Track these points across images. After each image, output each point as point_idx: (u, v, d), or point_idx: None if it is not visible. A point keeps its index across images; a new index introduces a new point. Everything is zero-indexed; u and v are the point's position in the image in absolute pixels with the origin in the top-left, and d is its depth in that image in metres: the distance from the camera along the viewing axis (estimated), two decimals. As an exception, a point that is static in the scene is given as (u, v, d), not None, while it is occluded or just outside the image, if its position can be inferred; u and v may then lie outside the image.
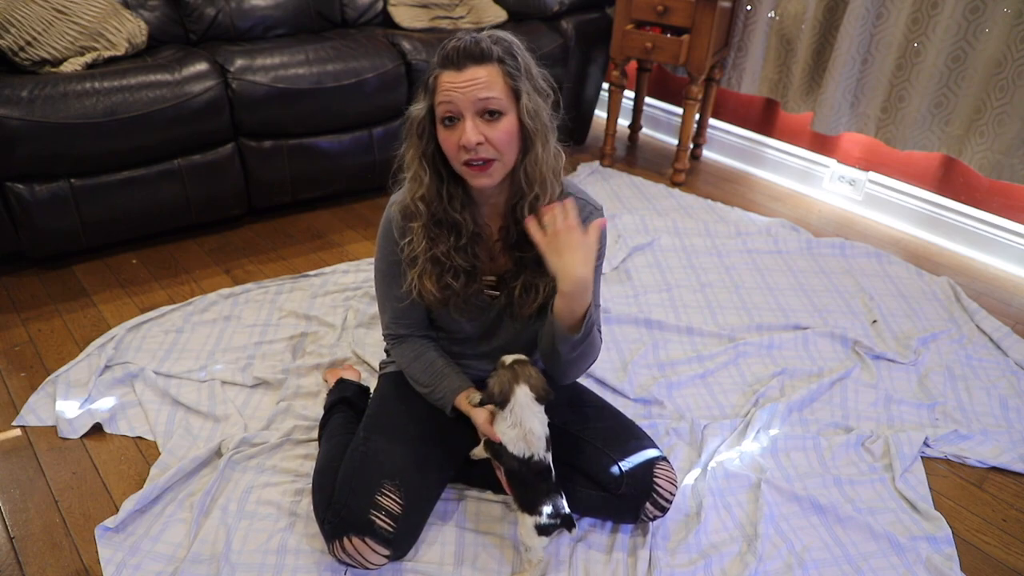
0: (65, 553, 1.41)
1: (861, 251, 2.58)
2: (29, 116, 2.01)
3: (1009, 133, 2.37)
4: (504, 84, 1.20)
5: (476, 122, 1.19)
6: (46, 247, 2.23)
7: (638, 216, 2.73)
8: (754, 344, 2.07)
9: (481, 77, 1.18)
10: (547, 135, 1.26)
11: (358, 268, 2.36)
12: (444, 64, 1.20)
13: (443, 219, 1.30)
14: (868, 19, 2.59)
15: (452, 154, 1.23)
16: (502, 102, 1.20)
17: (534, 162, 1.25)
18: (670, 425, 1.76)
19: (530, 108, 1.22)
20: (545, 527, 1.31)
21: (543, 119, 1.25)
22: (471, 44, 1.19)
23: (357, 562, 1.29)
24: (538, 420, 1.30)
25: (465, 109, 1.19)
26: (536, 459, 1.29)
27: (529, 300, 1.36)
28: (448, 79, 1.19)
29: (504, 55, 1.20)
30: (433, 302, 1.36)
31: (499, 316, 1.43)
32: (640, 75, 3.35)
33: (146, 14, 2.49)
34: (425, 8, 2.93)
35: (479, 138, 1.19)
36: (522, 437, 1.29)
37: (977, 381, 1.98)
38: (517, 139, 1.24)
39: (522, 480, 1.32)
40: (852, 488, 1.62)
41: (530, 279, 1.35)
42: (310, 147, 2.52)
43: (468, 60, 1.18)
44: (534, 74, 1.25)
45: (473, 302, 1.38)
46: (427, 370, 1.44)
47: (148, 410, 1.74)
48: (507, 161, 1.24)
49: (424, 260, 1.32)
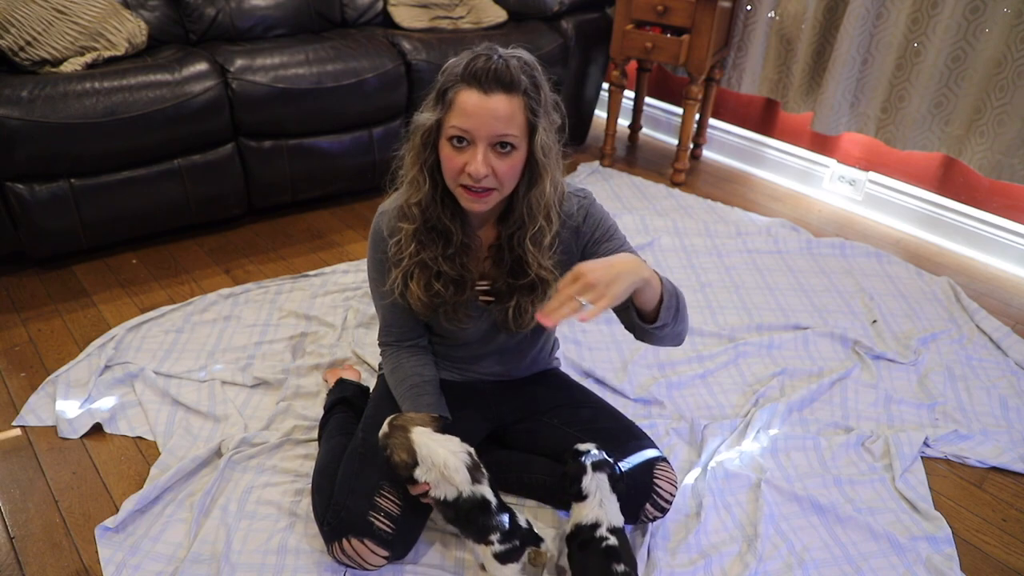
0: (65, 553, 1.41)
1: (861, 251, 2.58)
2: (29, 116, 2.01)
3: (1009, 133, 2.37)
4: (524, 119, 1.18)
5: (487, 153, 1.17)
6: (46, 247, 2.23)
7: (638, 216, 2.73)
8: (754, 344, 2.06)
9: (505, 109, 1.15)
10: (555, 170, 1.25)
11: (358, 268, 2.36)
12: (470, 82, 1.16)
13: (436, 225, 1.29)
14: (868, 19, 2.59)
15: (451, 175, 1.21)
16: (518, 138, 1.18)
17: (539, 195, 1.24)
18: (670, 425, 1.76)
19: (544, 144, 1.21)
20: (504, 553, 1.26)
21: (553, 153, 1.24)
22: (502, 68, 1.15)
23: (356, 563, 1.29)
24: (447, 450, 1.25)
25: (480, 139, 1.16)
26: (464, 496, 1.24)
27: (525, 319, 1.36)
28: (471, 100, 1.15)
29: (530, 87, 1.18)
30: (421, 307, 1.34)
31: (493, 325, 1.42)
32: (640, 75, 3.35)
33: (146, 14, 2.49)
34: (425, 8, 2.93)
35: (487, 171, 1.17)
36: (440, 477, 1.24)
37: (977, 381, 1.98)
38: (520, 170, 1.23)
39: (462, 519, 1.27)
40: (852, 488, 1.62)
41: (522, 302, 1.34)
42: (310, 147, 2.52)
43: (497, 86, 1.15)
44: (549, 104, 1.23)
45: (464, 310, 1.37)
46: (397, 387, 1.44)
47: (148, 410, 1.74)
48: (505, 191, 1.24)
49: (411, 262, 1.31)
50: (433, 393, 1.43)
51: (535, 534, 1.32)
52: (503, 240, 1.32)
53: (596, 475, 1.32)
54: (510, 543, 1.27)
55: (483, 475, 1.28)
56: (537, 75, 1.20)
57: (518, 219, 1.27)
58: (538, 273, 1.30)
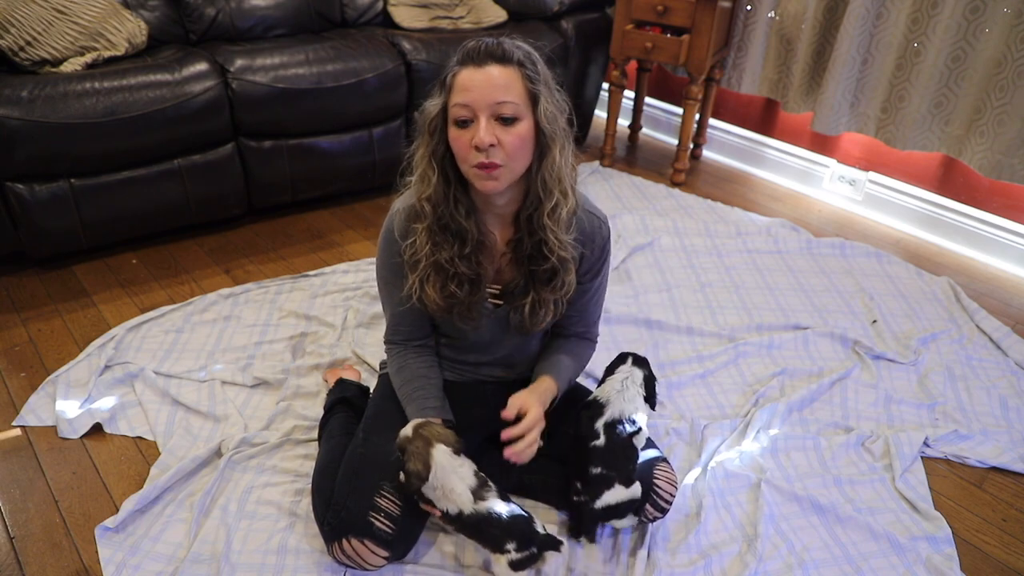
0: (65, 553, 1.41)
1: (861, 251, 2.58)
2: (29, 116, 2.01)
3: (1009, 133, 2.37)
4: (523, 88, 1.19)
5: (490, 122, 1.17)
6: (46, 247, 2.23)
7: (638, 216, 2.73)
8: (754, 344, 2.06)
9: (501, 77, 1.17)
10: (565, 141, 1.25)
11: (358, 268, 2.36)
12: (464, 61, 1.19)
13: (449, 224, 1.28)
14: (868, 19, 2.59)
15: (463, 155, 1.21)
16: (519, 107, 1.18)
17: (551, 167, 1.23)
18: (670, 425, 1.76)
19: (548, 112, 1.20)
20: (519, 562, 1.25)
21: (561, 124, 1.23)
22: (493, 45, 1.19)
23: (356, 564, 1.29)
24: (457, 477, 1.25)
25: (480, 111, 1.17)
26: (467, 513, 1.24)
27: (540, 317, 1.35)
28: (467, 76, 1.18)
29: (525, 59, 1.19)
30: (436, 309, 1.34)
31: (504, 326, 1.41)
32: (640, 75, 3.36)
33: (146, 14, 2.49)
34: (425, 8, 2.93)
35: (492, 139, 1.17)
36: (444, 496, 1.24)
37: (977, 381, 1.98)
38: (531, 146, 1.22)
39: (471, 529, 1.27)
40: (852, 488, 1.62)
41: (541, 295, 1.33)
42: (310, 147, 2.52)
43: (489, 58, 1.17)
44: (552, 86, 1.24)
45: (477, 309, 1.36)
46: (403, 387, 1.43)
47: (148, 410, 1.74)
48: (515, 168, 1.22)
49: (427, 265, 1.30)
50: (437, 396, 1.42)
51: (553, 538, 1.29)
52: (522, 223, 1.30)
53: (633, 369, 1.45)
54: (527, 551, 1.25)
55: (490, 490, 1.27)
56: (533, 55, 1.22)
57: (534, 198, 1.26)
58: (559, 255, 1.29)
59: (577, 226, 1.33)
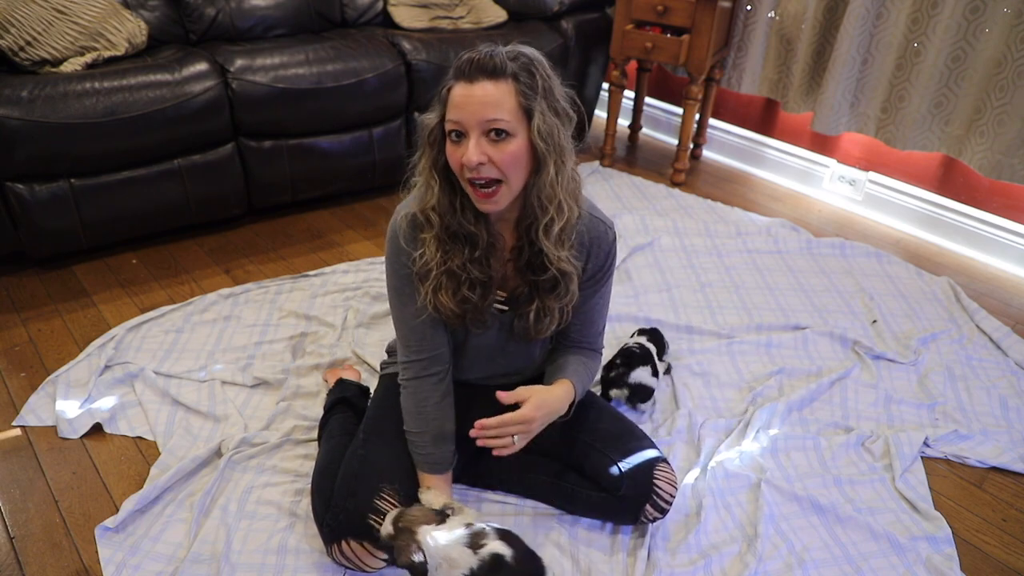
0: (65, 553, 1.41)
1: (861, 251, 2.58)
2: (29, 116, 2.01)
3: (1009, 133, 2.37)
4: (515, 104, 1.16)
5: (481, 141, 1.15)
6: (46, 247, 2.23)
7: (638, 216, 2.73)
8: (753, 343, 2.06)
9: (491, 94, 1.14)
10: (562, 157, 1.21)
11: (358, 268, 2.36)
12: (457, 76, 1.17)
13: (457, 231, 1.26)
14: (868, 19, 2.59)
15: (456, 170, 1.20)
16: (510, 123, 1.16)
17: (545, 185, 1.21)
18: (670, 425, 1.76)
19: (543, 129, 1.17)
20: None
21: (558, 140, 1.20)
22: (485, 58, 1.15)
23: (355, 565, 1.29)
24: (450, 547, 1.19)
25: (471, 128, 1.15)
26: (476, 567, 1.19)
27: (545, 324, 1.34)
28: (459, 92, 1.16)
29: (520, 71, 1.16)
30: (451, 317, 1.31)
31: (508, 332, 1.40)
32: (640, 75, 3.35)
33: (146, 14, 2.49)
34: (425, 8, 2.93)
35: (481, 158, 1.15)
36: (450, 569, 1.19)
37: (977, 381, 1.98)
38: (527, 161, 1.20)
39: None
40: (852, 488, 1.62)
41: (546, 303, 1.32)
42: (310, 147, 2.52)
43: (480, 74, 1.15)
44: (555, 95, 1.21)
45: (486, 313, 1.35)
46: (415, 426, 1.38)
47: (148, 410, 1.74)
48: (513, 184, 1.20)
49: (438, 273, 1.27)
50: (448, 449, 1.39)
51: None
52: (522, 235, 1.29)
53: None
54: None
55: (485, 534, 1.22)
56: (533, 64, 1.19)
57: (531, 212, 1.24)
58: (559, 267, 1.28)
59: (580, 236, 1.31)
